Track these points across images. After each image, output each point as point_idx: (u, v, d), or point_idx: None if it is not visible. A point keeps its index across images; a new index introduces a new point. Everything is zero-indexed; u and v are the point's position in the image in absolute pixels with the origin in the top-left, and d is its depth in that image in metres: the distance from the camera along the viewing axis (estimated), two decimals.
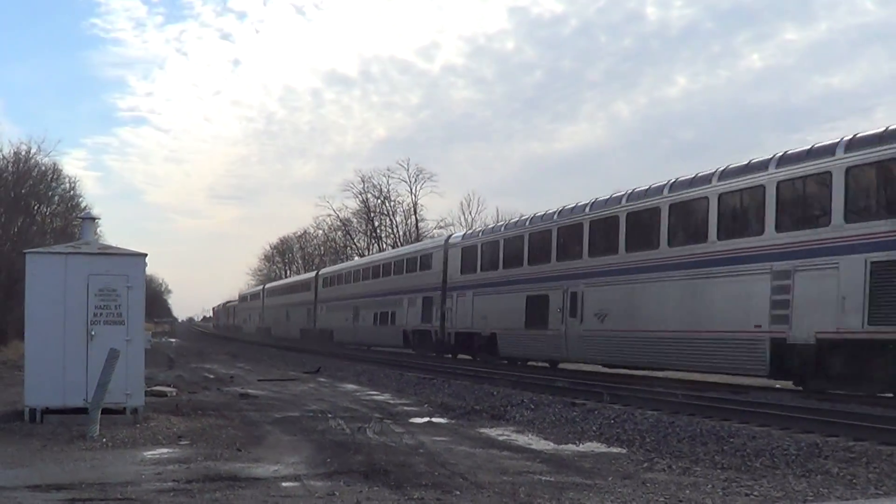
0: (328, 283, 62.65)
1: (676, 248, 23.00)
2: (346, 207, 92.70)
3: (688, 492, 8.77)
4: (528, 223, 32.45)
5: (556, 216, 29.81)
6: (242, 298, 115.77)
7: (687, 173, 23.69)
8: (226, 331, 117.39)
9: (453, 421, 15.46)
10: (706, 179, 22.19)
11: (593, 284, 26.64)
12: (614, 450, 12.05)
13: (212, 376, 26.69)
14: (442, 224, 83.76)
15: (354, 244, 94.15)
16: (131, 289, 14.07)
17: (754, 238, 20.37)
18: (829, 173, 18.38)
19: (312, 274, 70.52)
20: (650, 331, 23.68)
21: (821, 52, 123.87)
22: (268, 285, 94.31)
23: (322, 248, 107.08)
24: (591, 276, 26.82)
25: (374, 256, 57.68)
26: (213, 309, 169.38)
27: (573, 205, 28.92)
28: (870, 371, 17.50)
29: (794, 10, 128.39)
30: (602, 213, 26.76)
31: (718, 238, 21.44)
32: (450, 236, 41.40)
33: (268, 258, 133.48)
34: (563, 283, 28.32)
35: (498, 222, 41.16)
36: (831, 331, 18.09)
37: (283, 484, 9.08)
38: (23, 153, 49.51)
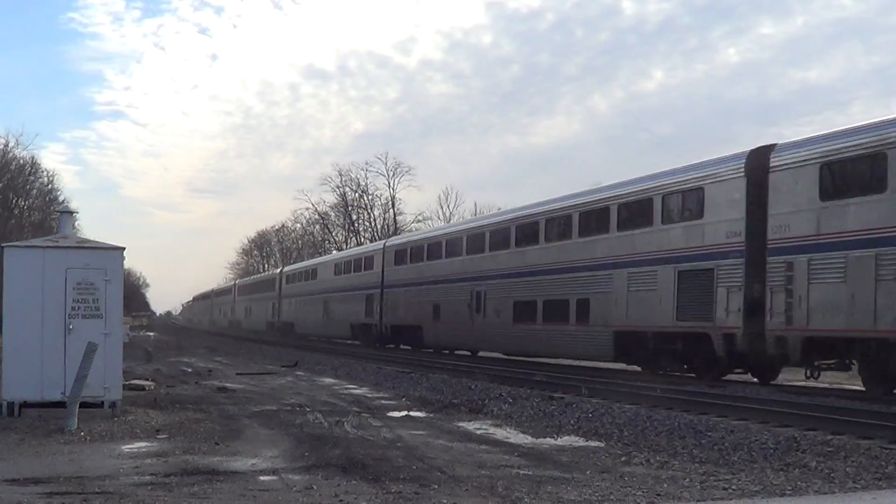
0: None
1: None
2: (324, 201, 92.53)
3: (666, 485, 8.80)
4: None
5: None
6: (196, 298, 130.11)
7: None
8: (189, 324, 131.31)
9: (431, 415, 15.47)
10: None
11: None
12: (592, 443, 12.09)
13: (190, 370, 26.63)
14: (420, 217, 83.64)
15: (333, 238, 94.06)
16: (109, 282, 14.00)
17: None
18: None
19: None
20: None
21: (797, 47, 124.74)
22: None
23: (300, 241, 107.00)
24: None
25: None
26: (182, 305, 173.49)
27: None
28: None
29: (770, 4, 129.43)
30: None
31: None
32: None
33: (246, 252, 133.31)
34: None
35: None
36: None
37: (261, 478, 9.06)
38: (0, 147, 49.33)
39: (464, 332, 35.11)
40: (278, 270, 78.31)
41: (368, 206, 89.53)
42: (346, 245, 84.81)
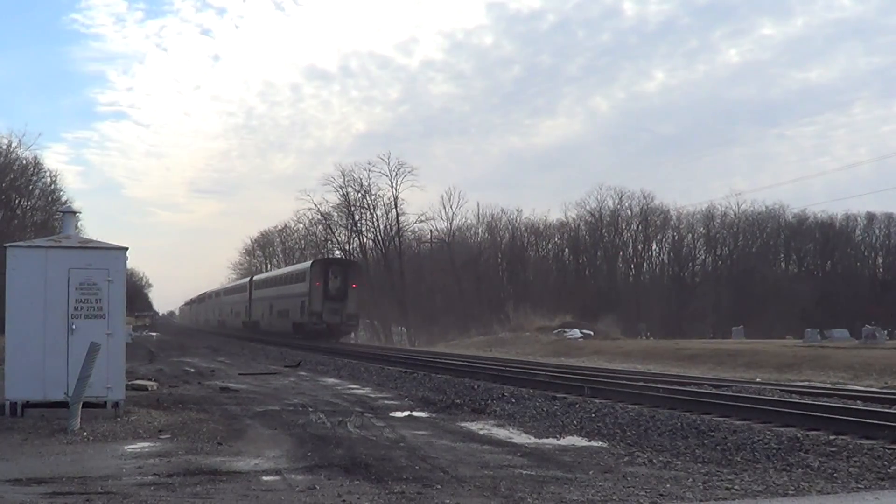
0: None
1: None
2: (327, 201, 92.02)
3: (669, 486, 8.80)
4: None
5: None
6: (193, 300, 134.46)
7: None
8: (189, 323, 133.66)
9: (434, 415, 15.47)
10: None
11: None
12: (595, 444, 12.09)
13: (192, 370, 26.61)
14: (423, 218, 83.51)
15: (335, 238, 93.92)
16: (112, 282, 14.00)
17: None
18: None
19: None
20: None
21: (798, 48, 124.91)
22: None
23: (303, 241, 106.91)
24: None
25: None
26: (179, 307, 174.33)
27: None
28: None
29: (771, 5, 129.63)
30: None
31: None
32: None
33: (248, 252, 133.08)
34: None
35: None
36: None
37: (264, 478, 9.06)
38: (3, 147, 49.42)
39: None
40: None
41: (371, 207, 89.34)
42: (349, 245, 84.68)
